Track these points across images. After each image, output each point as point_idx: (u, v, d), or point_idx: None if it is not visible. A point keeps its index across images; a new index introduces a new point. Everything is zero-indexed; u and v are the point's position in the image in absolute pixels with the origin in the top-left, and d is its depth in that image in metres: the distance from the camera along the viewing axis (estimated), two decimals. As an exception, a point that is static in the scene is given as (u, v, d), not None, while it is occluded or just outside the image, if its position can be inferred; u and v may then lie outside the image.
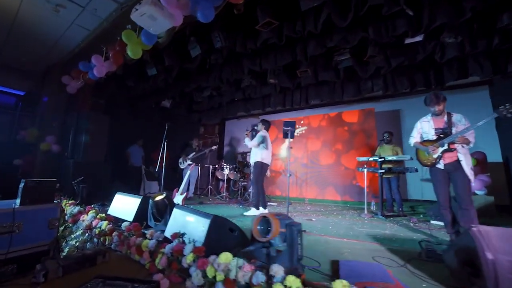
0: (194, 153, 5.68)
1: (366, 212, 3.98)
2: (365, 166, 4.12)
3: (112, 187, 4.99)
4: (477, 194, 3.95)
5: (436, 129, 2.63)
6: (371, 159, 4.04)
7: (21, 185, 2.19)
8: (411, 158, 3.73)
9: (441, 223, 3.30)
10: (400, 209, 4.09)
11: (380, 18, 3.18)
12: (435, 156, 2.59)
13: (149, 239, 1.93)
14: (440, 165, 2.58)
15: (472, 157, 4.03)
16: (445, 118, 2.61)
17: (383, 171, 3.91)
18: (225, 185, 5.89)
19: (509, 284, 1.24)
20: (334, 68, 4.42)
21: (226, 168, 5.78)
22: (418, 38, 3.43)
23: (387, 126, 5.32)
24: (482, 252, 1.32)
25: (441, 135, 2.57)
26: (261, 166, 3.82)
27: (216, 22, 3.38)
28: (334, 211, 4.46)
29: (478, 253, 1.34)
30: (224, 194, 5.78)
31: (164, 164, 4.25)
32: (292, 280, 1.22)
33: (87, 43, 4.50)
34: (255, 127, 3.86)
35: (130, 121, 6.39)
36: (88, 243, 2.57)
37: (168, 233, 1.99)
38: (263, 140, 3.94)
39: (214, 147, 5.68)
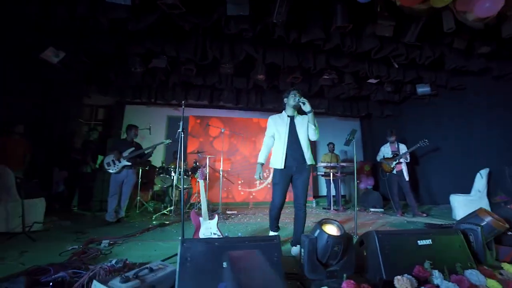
0: (132, 149, 3.67)
1: (341, 208, 5.05)
2: (338, 170, 5.04)
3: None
4: (368, 188, 6.13)
5: (392, 151, 4.61)
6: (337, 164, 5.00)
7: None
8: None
9: (378, 210, 4.86)
10: (341, 204, 5.40)
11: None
12: (392, 166, 4.44)
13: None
14: (394, 172, 4.48)
15: (366, 165, 6.32)
16: (396, 145, 4.64)
17: (345, 174, 5.02)
18: (174, 195, 4.27)
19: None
20: (311, 81, 4.95)
21: (175, 170, 4.24)
22: (373, 81, 4.86)
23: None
24: None
25: (395, 155, 4.51)
26: None
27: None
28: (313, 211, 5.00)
29: None
30: (173, 206, 4.18)
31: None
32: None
33: None
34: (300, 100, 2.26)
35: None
36: None
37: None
38: None
39: (167, 141, 3.96)
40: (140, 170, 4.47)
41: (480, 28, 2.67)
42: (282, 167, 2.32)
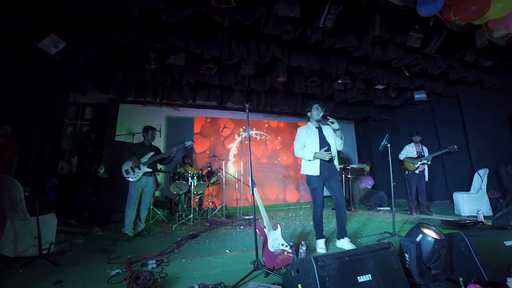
0: (152, 153, 3.32)
1: (353, 209, 5.16)
2: (349, 172, 5.16)
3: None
4: (368, 188, 6.45)
5: (417, 151, 4.59)
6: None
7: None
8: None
9: (385, 208, 5.13)
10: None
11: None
12: (416, 166, 4.41)
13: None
14: (416, 171, 4.49)
15: (366, 165, 6.64)
16: (420, 146, 4.65)
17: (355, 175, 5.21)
18: (192, 202, 3.95)
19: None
20: (323, 85, 5.03)
21: (192, 176, 3.94)
22: (380, 87, 5.12)
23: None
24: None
25: (420, 155, 4.52)
26: None
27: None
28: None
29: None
30: (192, 215, 3.88)
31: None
32: None
33: None
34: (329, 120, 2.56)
35: None
36: None
37: None
38: None
39: (190, 143, 3.63)
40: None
41: (501, 45, 2.98)
42: (318, 174, 2.55)
